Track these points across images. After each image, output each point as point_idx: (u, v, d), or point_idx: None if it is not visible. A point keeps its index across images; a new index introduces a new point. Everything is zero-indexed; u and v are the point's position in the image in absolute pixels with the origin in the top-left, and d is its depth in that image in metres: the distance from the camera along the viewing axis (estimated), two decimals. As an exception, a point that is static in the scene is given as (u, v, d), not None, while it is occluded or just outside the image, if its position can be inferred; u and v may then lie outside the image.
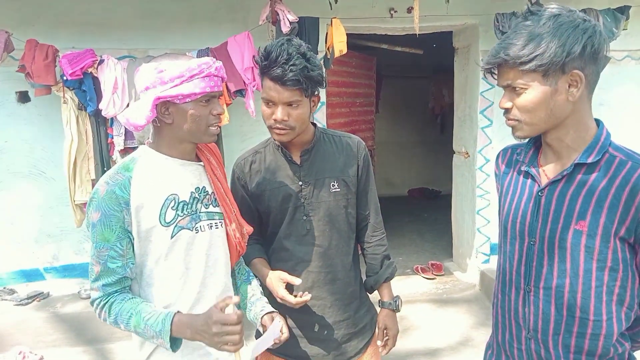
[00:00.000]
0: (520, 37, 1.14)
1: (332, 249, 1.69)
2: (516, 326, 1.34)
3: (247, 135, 4.00)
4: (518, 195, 1.33)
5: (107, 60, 3.41)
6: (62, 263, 3.99)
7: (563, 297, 1.24)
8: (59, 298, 3.91)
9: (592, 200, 1.19)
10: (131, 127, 1.36)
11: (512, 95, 1.21)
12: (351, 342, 1.74)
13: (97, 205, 1.34)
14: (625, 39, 4.05)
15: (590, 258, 1.20)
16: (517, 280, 1.32)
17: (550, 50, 1.11)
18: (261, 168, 1.71)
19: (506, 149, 1.47)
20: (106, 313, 1.36)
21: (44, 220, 3.91)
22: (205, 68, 1.34)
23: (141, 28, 3.76)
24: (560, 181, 1.24)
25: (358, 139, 1.78)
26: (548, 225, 1.25)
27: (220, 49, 3.52)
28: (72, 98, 3.48)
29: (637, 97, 4.49)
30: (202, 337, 1.27)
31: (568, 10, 1.16)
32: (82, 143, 3.56)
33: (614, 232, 1.17)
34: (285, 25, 3.25)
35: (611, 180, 1.18)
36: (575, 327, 1.24)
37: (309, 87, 1.54)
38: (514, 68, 1.16)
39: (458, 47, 4.60)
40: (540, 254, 1.27)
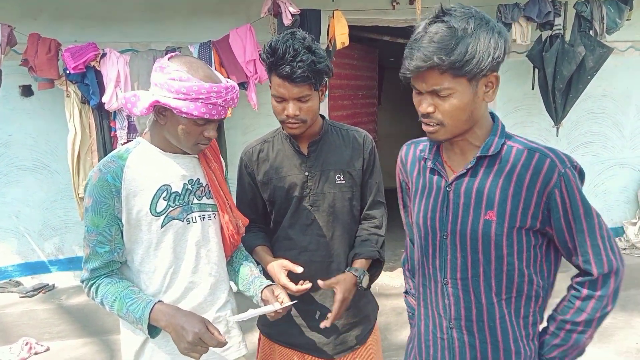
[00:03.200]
0: (448, 39, 1.12)
1: (335, 239, 1.71)
2: (438, 317, 1.37)
3: (249, 128, 4.01)
4: (427, 191, 1.35)
5: (110, 53, 3.41)
6: (67, 255, 4.03)
7: (479, 285, 1.28)
8: (64, 290, 3.94)
9: (497, 190, 1.23)
10: (126, 110, 1.39)
11: (434, 99, 1.19)
12: (352, 332, 1.76)
13: (89, 191, 1.37)
14: (628, 30, 4.04)
15: (500, 245, 1.24)
16: (434, 273, 1.35)
17: (478, 55, 1.12)
18: (269, 157, 1.72)
19: (409, 144, 1.48)
20: (93, 293, 1.41)
21: (49, 214, 3.94)
22: (214, 97, 1.32)
23: (143, 21, 3.76)
24: (465, 175, 1.27)
25: (365, 133, 1.79)
26: (459, 219, 1.28)
27: (222, 42, 3.52)
28: (75, 92, 3.50)
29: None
30: (176, 335, 1.30)
31: (477, 12, 1.17)
32: (86, 136, 3.58)
33: (519, 218, 1.22)
34: (287, 18, 3.25)
35: (512, 169, 1.23)
36: (496, 310, 1.29)
37: (317, 80, 1.55)
38: (444, 72, 1.14)
39: (460, 39, 4.59)
40: (453, 247, 1.30)
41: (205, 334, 1.28)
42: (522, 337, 1.32)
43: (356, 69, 5.08)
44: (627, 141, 4.58)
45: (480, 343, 1.32)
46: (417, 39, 1.17)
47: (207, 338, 1.28)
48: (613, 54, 3.78)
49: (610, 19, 3.70)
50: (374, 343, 1.83)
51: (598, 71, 3.82)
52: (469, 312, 1.31)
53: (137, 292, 1.38)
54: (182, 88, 1.30)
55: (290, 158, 1.70)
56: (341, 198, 1.70)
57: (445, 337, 1.37)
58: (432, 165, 1.34)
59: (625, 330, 3.50)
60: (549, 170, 1.20)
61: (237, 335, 1.58)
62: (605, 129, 4.51)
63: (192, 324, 1.29)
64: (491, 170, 1.25)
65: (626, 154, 4.61)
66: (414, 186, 1.41)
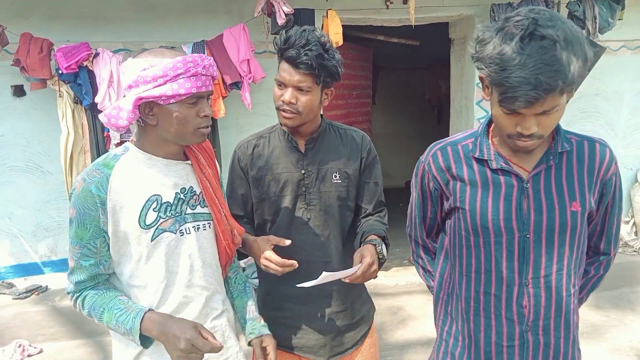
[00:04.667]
0: (559, 58, 1.04)
1: (331, 239, 1.69)
2: (508, 324, 1.32)
3: (244, 128, 4.00)
4: (493, 192, 1.30)
5: (102, 53, 3.40)
6: (60, 257, 4.00)
7: (562, 279, 1.29)
8: (57, 291, 3.91)
9: (575, 181, 1.27)
10: (112, 127, 1.27)
11: (539, 118, 1.13)
12: (348, 334, 1.75)
13: (73, 201, 1.28)
14: (621, 29, 4.06)
15: (582, 234, 1.31)
16: (510, 276, 1.30)
17: (579, 68, 1.07)
18: (264, 152, 1.70)
19: (443, 147, 1.40)
20: (80, 305, 1.34)
21: (42, 214, 3.92)
22: (192, 67, 1.24)
23: (136, 21, 3.75)
24: (542, 171, 1.28)
25: (363, 134, 1.78)
26: (544, 214, 1.26)
27: (216, 42, 3.51)
28: (68, 92, 3.48)
29: (633, 87, 4.51)
30: (168, 343, 1.23)
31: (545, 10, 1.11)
32: (78, 137, 3.56)
33: (593, 206, 1.29)
34: (280, 17, 3.24)
35: (580, 160, 1.29)
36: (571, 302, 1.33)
37: (322, 75, 1.54)
38: (563, 93, 1.08)
39: (454, 38, 4.60)
40: (538, 244, 1.27)
41: (197, 339, 1.21)
42: (576, 322, 1.39)
43: (350, 69, 5.08)
44: (620, 140, 4.61)
45: (555, 339, 1.33)
46: (520, 63, 1.05)
47: (200, 344, 1.21)
48: (606, 53, 3.81)
49: (602, 19, 3.72)
50: (371, 344, 1.82)
51: (591, 70, 3.84)
52: (548, 310, 1.31)
53: (125, 302, 1.30)
54: (158, 71, 1.22)
55: (286, 155, 1.68)
56: (337, 197, 1.69)
57: (516, 343, 1.32)
58: (498, 166, 1.29)
59: (618, 328, 3.52)
60: (610, 159, 1.29)
61: (234, 345, 1.51)
62: (598, 128, 4.53)
63: (183, 330, 1.22)
64: (562, 163, 1.28)
65: (619, 153, 4.63)
66: (468, 189, 1.33)
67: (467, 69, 4.37)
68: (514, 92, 1.07)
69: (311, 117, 1.62)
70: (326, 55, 1.53)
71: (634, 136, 4.63)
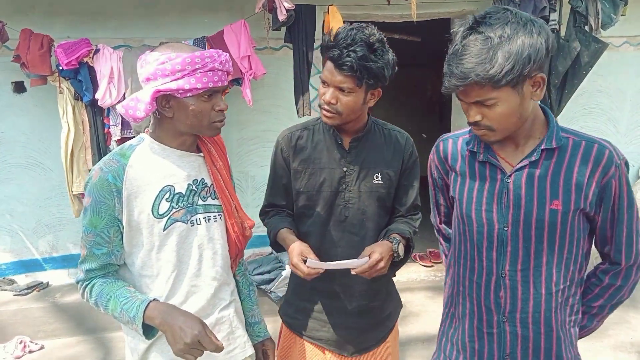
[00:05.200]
0: (483, 52, 1.12)
1: (367, 239, 1.66)
2: (487, 312, 1.37)
3: (244, 125, 3.99)
4: (478, 184, 1.34)
5: (103, 49, 3.39)
6: (61, 253, 4.00)
7: (541, 276, 1.30)
8: (58, 288, 3.92)
9: (561, 180, 1.26)
10: (130, 118, 1.32)
11: (480, 108, 1.20)
12: (374, 331, 1.74)
13: (89, 190, 1.32)
14: (623, 25, 4.03)
15: (564, 234, 1.28)
16: (489, 266, 1.35)
17: (518, 64, 1.11)
18: (307, 145, 1.68)
19: (445, 139, 1.47)
20: (88, 294, 1.37)
21: (42, 211, 3.91)
22: (210, 62, 1.28)
23: (137, 17, 3.73)
24: (525, 167, 1.29)
25: (407, 135, 1.76)
26: (522, 209, 1.28)
27: (217, 38, 3.50)
28: (68, 88, 3.47)
29: (636, 83, 4.48)
30: (172, 335, 1.23)
31: (514, 13, 1.16)
32: (79, 133, 3.55)
33: (580, 206, 1.26)
34: (281, 13, 3.23)
35: (572, 159, 1.26)
36: (552, 300, 1.31)
37: (364, 77, 1.49)
38: (484, 86, 1.15)
39: (456, 35, 4.58)
40: (515, 238, 1.30)
41: (204, 337, 1.23)
42: (567, 323, 1.36)
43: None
44: (622, 136, 4.59)
45: (534, 334, 1.33)
46: (455, 53, 1.16)
47: (206, 341, 1.23)
48: (608, 49, 3.78)
49: (605, 14, 3.69)
50: (393, 340, 1.81)
51: (593, 66, 3.82)
52: (526, 304, 1.32)
53: (132, 292, 1.33)
54: (177, 65, 1.26)
55: (330, 150, 1.66)
56: (376, 198, 1.66)
57: (494, 331, 1.36)
58: (485, 158, 1.33)
59: (620, 325, 3.52)
60: (608, 161, 1.24)
61: (241, 335, 1.53)
62: (600, 124, 4.51)
63: (191, 325, 1.23)
64: (551, 162, 1.27)
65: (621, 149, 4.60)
66: (459, 179, 1.40)
67: (469, 66, 4.34)
68: (444, 77, 1.20)
69: (352, 117, 1.59)
70: (372, 57, 1.47)
71: (636, 133, 4.61)
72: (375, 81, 1.52)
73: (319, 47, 3.86)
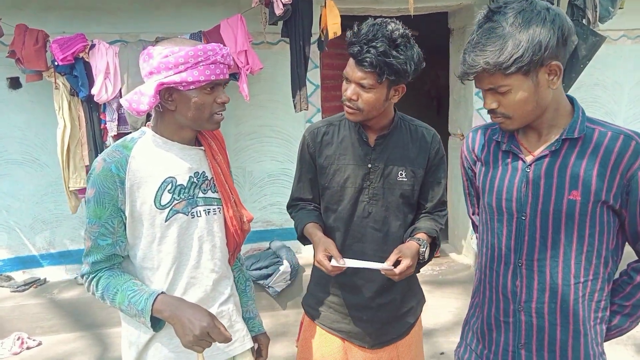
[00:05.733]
0: (494, 41, 1.15)
1: (390, 235, 1.67)
2: (504, 300, 1.38)
3: (241, 120, 3.98)
4: (500, 173, 1.36)
5: (99, 44, 3.36)
6: (58, 249, 3.99)
7: (558, 267, 1.29)
8: (55, 284, 3.92)
9: (581, 171, 1.25)
10: (133, 112, 1.34)
11: (495, 96, 1.23)
12: (395, 325, 1.75)
13: (92, 181, 1.33)
14: (621, 18, 4.02)
15: (584, 225, 1.26)
16: (507, 255, 1.36)
17: (528, 51, 1.13)
18: (333, 141, 1.69)
19: (475, 130, 1.49)
20: (94, 287, 1.37)
21: (39, 207, 3.90)
22: (212, 55, 1.30)
23: (132, 12, 3.71)
24: (546, 156, 1.29)
25: (434, 132, 1.74)
26: (540, 199, 1.29)
27: (213, 32, 3.48)
28: (64, 84, 3.44)
29: (633, 77, 4.48)
30: (181, 327, 1.25)
31: (529, 2, 1.16)
32: (75, 129, 3.53)
33: (603, 198, 1.24)
34: (278, 8, 3.21)
35: (595, 150, 1.25)
36: (571, 293, 1.30)
37: (385, 73, 1.47)
38: (494, 74, 1.17)
39: (453, 28, 4.56)
40: (532, 227, 1.30)
41: (213, 328, 1.25)
42: (592, 319, 1.33)
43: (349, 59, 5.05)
44: (619, 130, 4.60)
45: (550, 325, 1.33)
46: (470, 42, 1.19)
47: (215, 333, 1.25)
48: (606, 42, 3.77)
49: (603, 8, 3.68)
50: (415, 334, 1.82)
51: (591, 60, 3.81)
52: (542, 294, 1.32)
53: (139, 285, 1.34)
54: (180, 58, 1.28)
55: (355, 147, 1.66)
56: (400, 195, 1.66)
57: (510, 320, 1.37)
58: (508, 148, 1.34)
59: (617, 318, 3.53)
60: (634, 152, 1.22)
61: (241, 329, 1.55)
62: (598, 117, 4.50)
63: (199, 317, 1.25)
64: (573, 152, 1.26)
65: (618, 143, 4.61)
66: (484, 169, 1.41)
67: (466, 60, 4.33)
68: (459, 65, 1.23)
69: (374, 114, 1.57)
70: (393, 53, 1.45)
71: (634, 126, 4.61)
72: (397, 77, 1.50)
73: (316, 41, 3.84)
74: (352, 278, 1.69)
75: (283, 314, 3.87)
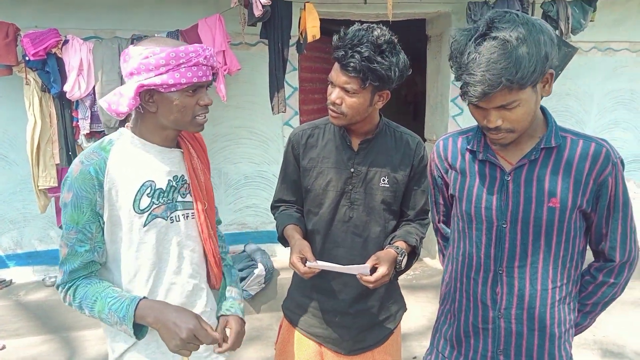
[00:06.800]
0: (507, 57, 1.11)
1: (370, 241, 1.68)
2: (483, 307, 1.40)
3: (218, 120, 3.94)
4: (478, 182, 1.37)
5: (72, 40, 3.29)
6: (26, 250, 3.87)
7: (537, 272, 1.33)
8: (22, 286, 3.80)
9: (559, 179, 1.28)
10: (113, 113, 1.29)
11: (501, 112, 1.20)
12: (373, 331, 1.75)
13: (70, 185, 1.28)
14: (592, 31, 4.14)
15: (561, 231, 1.30)
16: (487, 263, 1.37)
17: (539, 63, 1.14)
18: (317, 144, 1.69)
19: (446, 138, 1.49)
20: (71, 297, 1.31)
21: (6, 206, 3.78)
22: (194, 56, 1.27)
23: (108, 8, 3.64)
24: (524, 165, 1.31)
25: (419, 140, 1.74)
26: (520, 207, 1.31)
27: (191, 32, 3.44)
28: (35, 79, 3.35)
29: (603, 87, 4.61)
30: (167, 331, 1.22)
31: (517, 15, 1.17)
32: (46, 126, 3.44)
33: (578, 204, 1.29)
34: (257, 9, 3.19)
35: (570, 157, 1.29)
36: (548, 297, 1.34)
37: (369, 79, 1.47)
38: (512, 90, 1.15)
39: (431, 35, 4.62)
40: (513, 235, 1.33)
41: (200, 330, 1.22)
42: (567, 322, 1.38)
43: (328, 63, 5.06)
44: (589, 139, 4.72)
45: (528, 331, 1.36)
46: (473, 61, 1.14)
47: (202, 335, 1.22)
48: (577, 53, 3.88)
49: (575, 20, 3.79)
50: (393, 343, 1.81)
51: (563, 70, 3.91)
52: (521, 300, 1.34)
53: (119, 292, 1.30)
54: (161, 60, 1.24)
55: (339, 150, 1.66)
56: (382, 201, 1.66)
57: (489, 326, 1.39)
58: (484, 157, 1.35)
59: (585, 322, 3.62)
60: (605, 158, 1.27)
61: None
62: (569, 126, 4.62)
63: (185, 319, 1.22)
64: (549, 160, 1.30)
65: (588, 152, 4.73)
66: (460, 177, 1.41)
67: (443, 66, 4.40)
68: (467, 87, 1.17)
69: (358, 119, 1.57)
70: (378, 58, 1.45)
71: (602, 135, 4.71)
72: (381, 83, 1.50)
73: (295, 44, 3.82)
74: (331, 283, 1.69)
75: (257, 317, 3.84)
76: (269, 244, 4.16)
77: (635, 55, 4.58)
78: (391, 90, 1.58)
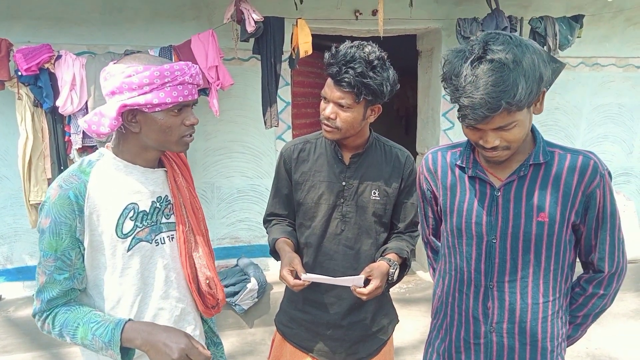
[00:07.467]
0: (505, 79, 1.11)
1: (362, 253, 1.70)
2: (474, 322, 1.40)
3: (211, 135, 3.95)
4: (468, 197, 1.38)
5: (65, 55, 3.30)
6: (16, 265, 3.84)
7: (527, 287, 1.33)
8: (12, 301, 3.75)
9: (547, 193, 1.30)
10: (93, 134, 1.24)
11: (499, 133, 1.21)
12: (365, 343, 1.75)
13: (47, 210, 1.21)
14: (579, 46, 4.21)
15: (551, 245, 1.31)
16: (477, 277, 1.38)
17: (535, 84, 1.15)
18: (309, 158, 1.72)
19: (435, 152, 1.50)
20: (50, 325, 1.25)
21: (-3, 221, 3.75)
22: (179, 75, 1.22)
23: (101, 23, 3.66)
24: (514, 181, 1.33)
25: (408, 154, 1.78)
26: (510, 222, 1.32)
27: (184, 47, 3.46)
28: (28, 94, 3.35)
29: (592, 101, 4.68)
30: (156, 353, 1.16)
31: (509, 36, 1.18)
32: (38, 141, 3.43)
33: (567, 217, 1.30)
34: (250, 25, 3.23)
35: (559, 172, 1.30)
36: (540, 311, 1.34)
37: (363, 94, 1.51)
38: (510, 112, 1.16)
39: (422, 50, 4.68)
40: (503, 250, 1.34)
41: (192, 349, 1.17)
42: (560, 336, 1.38)
43: (320, 78, 5.10)
44: (578, 153, 4.77)
45: (520, 345, 1.36)
46: (470, 84, 1.13)
47: (194, 353, 1.17)
48: (565, 69, 3.95)
49: (562, 36, 3.86)
50: (386, 354, 1.82)
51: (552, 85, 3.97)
52: (513, 314, 1.35)
53: (102, 315, 1.23)
54: (144, 79, 1.18)
55: (330, 164, 1.69)
56: (373, 214, 1.69)
57: (481, 341, 1.39)
58: (474, 174, 1.36)
59: (577, 335, 3.62)
60: (593, 171, 1.28)
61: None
62: (557, 141, 4.65)
63: (175, 339, 1.17)
64: (538, 175, 1.31)
65: (577, 165, 4.78)
66: (449, 193, 1.42)
67: (434, 81, 4.45)
68: (465, 110, 1.17)
69: (352, 132, 1.61)
70: (370, 74, 1.50)
71: (592, 149, 4.77)
72: (374, 97, 1.55)
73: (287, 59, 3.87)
74: (323, 296, 1.70)
75: (250, 332, 3.81)
76: (261, 258, 4.15)
77: (622, 71, 4.67)
78: (382, 104, 1.62)
